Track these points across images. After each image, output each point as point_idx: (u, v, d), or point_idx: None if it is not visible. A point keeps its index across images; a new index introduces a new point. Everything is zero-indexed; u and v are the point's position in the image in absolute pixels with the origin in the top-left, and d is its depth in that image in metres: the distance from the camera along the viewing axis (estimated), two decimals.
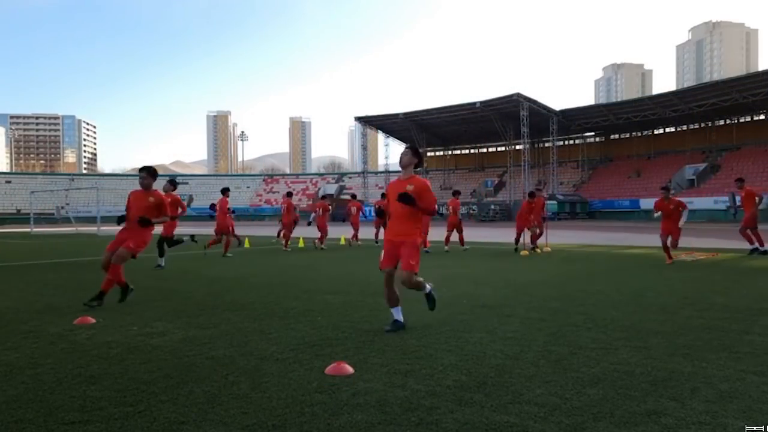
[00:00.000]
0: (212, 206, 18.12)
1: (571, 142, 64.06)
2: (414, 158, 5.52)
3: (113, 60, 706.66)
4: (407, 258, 5.15)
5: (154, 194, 7.28)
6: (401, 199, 5.15)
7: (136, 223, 6.92)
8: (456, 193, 16.39)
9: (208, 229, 19.20)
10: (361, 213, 19.65)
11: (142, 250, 7.08)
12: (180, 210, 11.60)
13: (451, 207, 15.98)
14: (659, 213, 11.56)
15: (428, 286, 5.49)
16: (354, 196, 21.03)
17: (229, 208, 14.98)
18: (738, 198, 13.84)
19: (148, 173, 7.25)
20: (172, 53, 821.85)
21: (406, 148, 5.64)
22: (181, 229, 16.66)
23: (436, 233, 16.59)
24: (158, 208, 7.23)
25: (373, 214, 17.82)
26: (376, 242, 18.11)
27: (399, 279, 5.17)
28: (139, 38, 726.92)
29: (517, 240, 14.92)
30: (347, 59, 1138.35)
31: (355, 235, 18.30)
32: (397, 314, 5.30)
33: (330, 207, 18.53)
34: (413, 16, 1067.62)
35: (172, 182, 11.83)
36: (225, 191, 15.23)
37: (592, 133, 62.45)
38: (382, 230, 18.59)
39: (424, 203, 5.28)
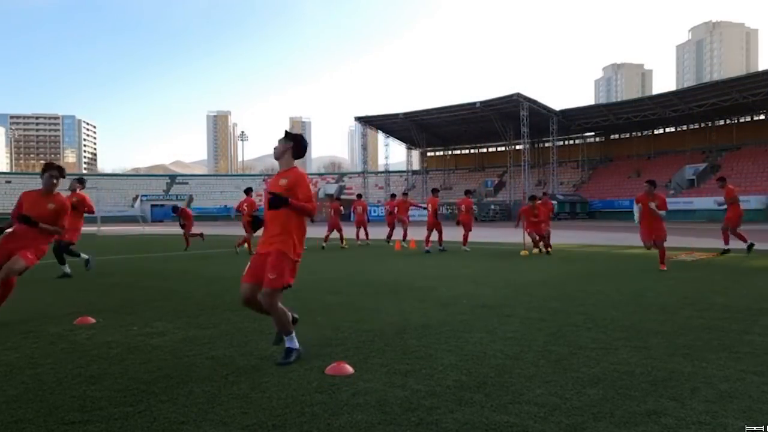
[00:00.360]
0: (174, 209, 18.13)
1: (571, 142, 64.00)
2: (288, 144, 4.33)
3: (113, 60, 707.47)
4: (268, 270, 4.10)
5: (55, 199, 5.98)
6: (273, 204, 4.06)
7: (31, 230, 5.71)
8: (468, 192, 17.18)
9: (207, 230, 19.21)
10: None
11: (36, 263, 5.95)
12: (86, 209, 10.33)
13: (463, 206, 16.25)
14: (638, 206, 11.26)
15: (293, 340, 4.23)
16: (360, 196, 21.18)
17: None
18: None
19: (60, 173, 6.03)
20: (172, 53, 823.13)
21: (282, 136, 4.44)
22: (175, 229, 16.63)
23: (452, 233, 16.60)
24: (57, 218, 5.95)
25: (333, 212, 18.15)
26: (388, 242, 18.09)
27: (260, 298, 4.19)
28: (139, 38, 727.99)
29: (534, 241, 14.21)
30: (347, 59, 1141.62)
31: (366, 234, 18.56)
32: (290, 342, 4.20)
33: (342, 209, 18.85)
34: (413, 16, 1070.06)
35: (81, 180, 10.71)
36: (249, 191, 15.32)
37: (592, 133, 62.38)
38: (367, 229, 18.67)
39: (299, 201, 4.15)
